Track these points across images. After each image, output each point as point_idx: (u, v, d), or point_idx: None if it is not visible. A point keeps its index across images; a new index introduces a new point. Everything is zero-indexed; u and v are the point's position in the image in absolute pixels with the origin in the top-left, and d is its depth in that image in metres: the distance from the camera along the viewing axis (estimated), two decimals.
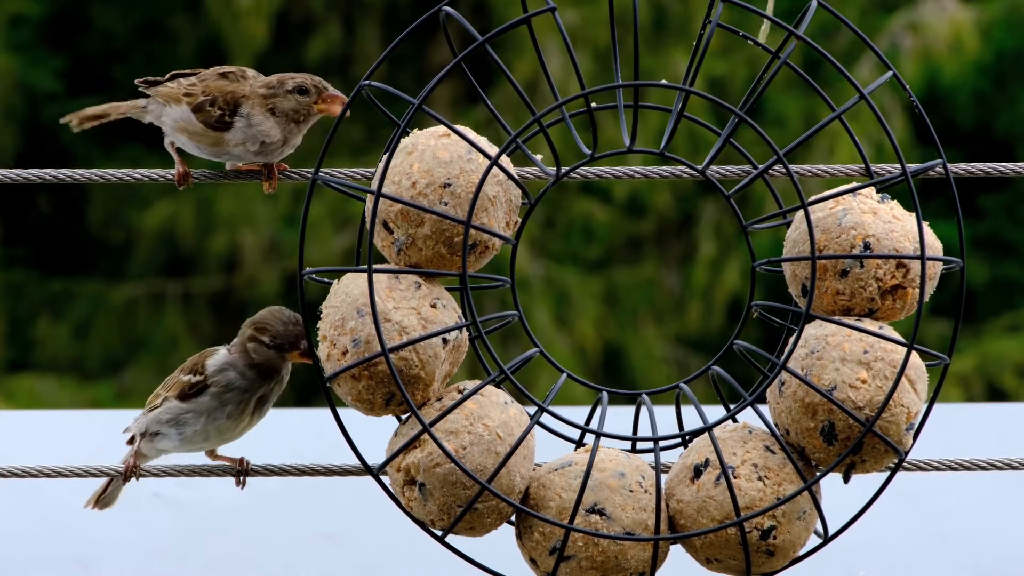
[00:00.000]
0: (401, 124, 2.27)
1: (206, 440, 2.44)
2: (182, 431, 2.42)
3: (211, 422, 2.42)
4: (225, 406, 2.41)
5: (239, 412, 2.41)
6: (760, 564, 2.28)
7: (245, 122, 2.43)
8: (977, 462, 2.43)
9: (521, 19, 2.24)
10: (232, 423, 2.42)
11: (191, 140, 2.46)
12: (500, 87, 6.27)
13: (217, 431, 2.42)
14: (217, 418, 2.41)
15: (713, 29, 2.26)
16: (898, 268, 2.28)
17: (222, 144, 2.44)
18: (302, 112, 2.43)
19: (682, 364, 7.46)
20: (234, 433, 2.44)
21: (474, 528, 2.29)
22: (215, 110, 2.44)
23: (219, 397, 2.41)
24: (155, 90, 2.48)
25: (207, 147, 2.46)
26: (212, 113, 2.44)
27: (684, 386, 2.40)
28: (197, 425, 2.42)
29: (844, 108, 2.27)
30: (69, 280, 7.53)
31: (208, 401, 2.41)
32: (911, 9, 7.64)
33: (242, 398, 2.41)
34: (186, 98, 2.46)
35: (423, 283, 2.28)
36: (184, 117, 2.46)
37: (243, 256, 7.51)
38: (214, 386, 2.41)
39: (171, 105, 2.47)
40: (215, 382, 2.41)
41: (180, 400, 2.42)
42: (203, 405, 2.41)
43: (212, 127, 2.44)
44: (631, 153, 2.31)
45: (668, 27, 7.42)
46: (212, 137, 2.44)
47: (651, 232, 7.59)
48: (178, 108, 2.46)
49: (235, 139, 2.44)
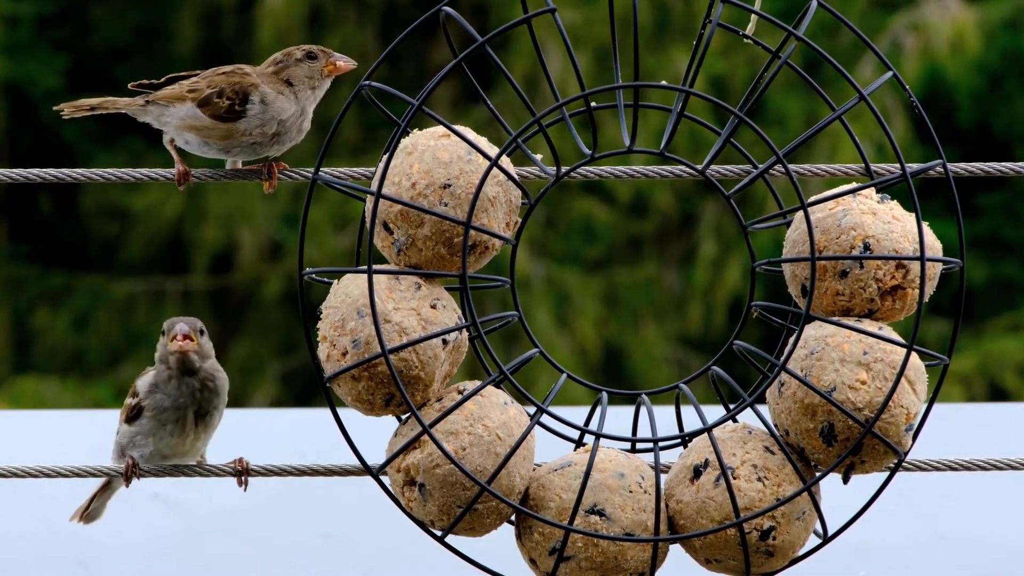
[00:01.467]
0: (401, 124, 2.27)
1: (164, 459, 2.45)
2: (141, 452, 2.44)
3: (159, 441, 2.43)
4: (164, 425, 2.42)
5: (182, 429, 2.42)
6: (760, 564, 2.28)
7: (260, 107, 2.43)
8: (977, 462, 2.43)
9: (521, 19, 2.24)
10: (179, 440, 2.43)
11: (198, 137, 2.45)
12: (500, 87, 6.27)
13: (170, 448, 2.44)
14: (162, 437, 2.43)
15: (713, 29, 2.26)
16: (898, 269, 2.28)
17: (234, 136, 2.44)
18: (316, 77, 2.45)
19: (682, 364, 7.46)
20: (184, 448, 2.44)
21: (474, 528, 2.29)
22: (223, 101, 2.43)
23: (156, 418, 2.42)
24: (155, 95, 2.48)
25: (216, 141, 2.45)
26: (220, 104, 2.43)
27: (684, 386, 2.40)
28: (149, 447, 2.44)
29: (844, 108, 2.27)
30: (69, 274, 7.53)
31: (147, 423, 2.43)
32: (913, 9, 7.65)
33: (177, 415, 2.42)
34: (190, 95, 2.45)
35: (423, 284, 2.28)
36: (190, 114, 2.45)
37: (242, 254, 7.51)
38: (148, 409, 2.42)
39: (174, 105, 2.46)
40: (148, 404, 2.42)
41: (128, 424, 2.44)
42: (145, 427, 2.43)
43: (222, 119, 2.43)
44: (631, 153, 2.31)
45: (671, 27, 7.42)
46: (223, 130, 2.44)
47: (652, 232, 7.59)
48: (183, 106, 2.45)
49: (250, 126, 2.43)
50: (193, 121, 2.45)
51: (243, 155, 2.47)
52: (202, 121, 2.44)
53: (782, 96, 7.33)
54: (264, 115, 2.44)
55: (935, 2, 7.64)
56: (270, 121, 2.43)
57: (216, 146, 2.45)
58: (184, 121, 2.45)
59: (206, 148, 2.46)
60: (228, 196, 7.40)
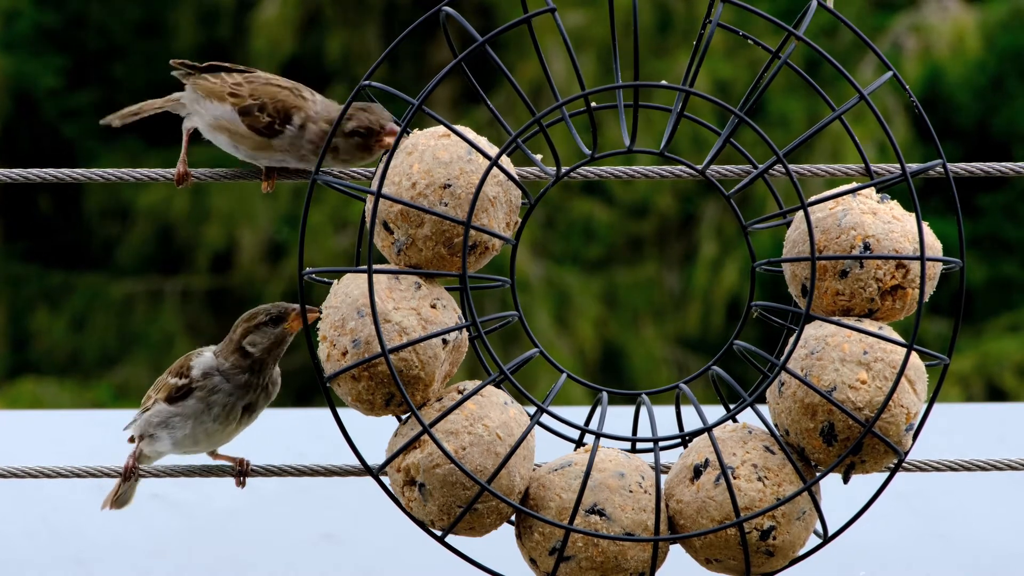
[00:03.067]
0: (401, 124, 2.27)
1: (196, 444, 2.43)
2: (173, 434, 2.42)
3: (198, 425, 2.41)
4: (211, 408, 2.40)
5: (225, 416, 2.41)
6: (760, 564, 2.28)
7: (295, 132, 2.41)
8: (977, 462, 2.43)
9: (521, 19, 2.24)
10: (219, 427, 2.41)
11: (231, 140, 2.42)
12: (501, 88, 6.27)
13: (206, 434, 2.42)
14: (204, 421, 2.41)
15: (713, 29, 2.26)
16: (898, 269, 2.28)
17: (268, 149, 2.41)
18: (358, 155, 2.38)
19: (682, 365, 7.46)
20: (222, 436, 2.43)
21: (474, 528, 2.29)
22: (264, 116, 2.40)
23: (204, 400, 2.40)
24: (194, 80, 2.45)
25: (248, 150, 2.42)
26: (261, 119, 2.40)
27: (684, 386, 2.40)
28: (186, 428, 2.41)
29: (844, 108, 2.27)
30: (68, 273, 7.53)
31: (194, 404, 2.41)
32: (914, 11, 7.65)
33: (227, 401, 2.40)
34: (231, 98, 2.41)
35: (423, 284, 2.28)
36: (228, 117, 2.42)
37: (242, 255, 7.51)
38: (199, 390, 2.40)
39: (212, 101, 2.42)
40: (200, 386, 2.40)
41: (168, 403, 2.42)
42: (189, 408, 2.41)
43: (259, 132, 2.41)
44: (631, 153, 2.31)
45: (673, 30, 7.42)
46: (257, 142, 2.41)
47: (652, 232, 7.59)
48: (221, 106, 2.42)
49: (283, 144, 2.41)
50: (229, 124, 2.41)
51: (269, 163, 2.44)
52: (238, 127, 2.41)
53: (784, 98, 7.33)
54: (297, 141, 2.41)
55: (935, 3, 7.64)
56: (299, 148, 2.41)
57: (245, 153, 2.42)
58: (219, 121, 2.42)
59: (235, 151, 2.43)
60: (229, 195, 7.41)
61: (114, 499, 2.49)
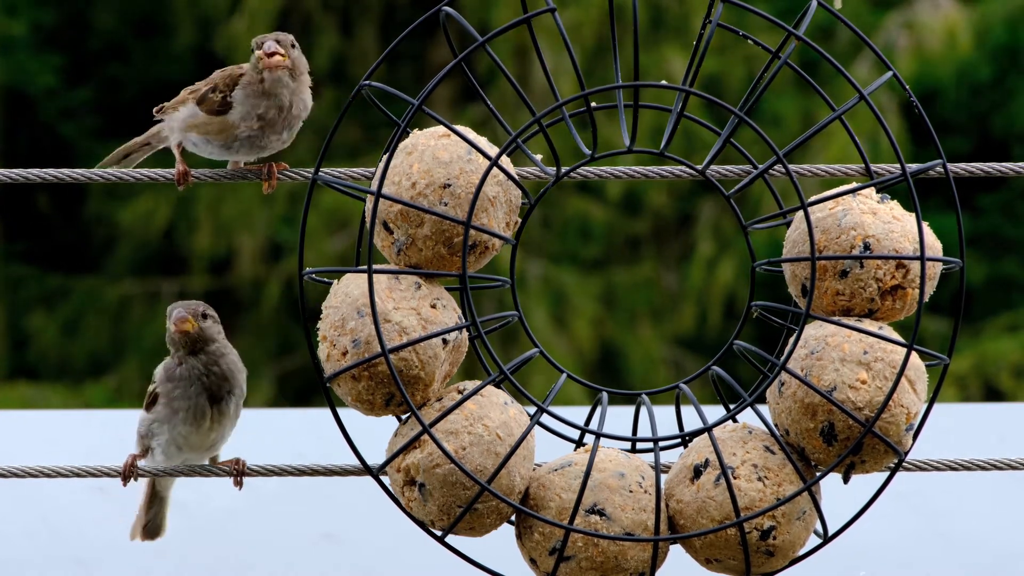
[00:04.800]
0: (401, 124, 2.27)
1: (180, 451, 2.43)
2: (159, 442, 2.43)
3: (173, 430, 2.41)
4: (177, 412, 2.41)
5: (194, 417, 2.41)
6: (760, 564, 2.28)
7: (241, 94, 2.43)
8: (977, 462, 2.43)
9: (521, 19, 2.24)
10: (193, 429, 2.41)
11: (201, 136, 2.45)
12: (494, 88, 6.26)
13: (184, 439, 2.41)
14: (176, 425, 2.41)
15: (713, 29, 2.26)
16: (898, 269, 2.28)
17: (229, 129, 2.43)
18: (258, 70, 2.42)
19: (679, 364, 7.46)
20: (199, 438, 2.42)
21: (474, 528, 2.29)
22: (216, 95, 2.44)
23: (169, 404, 2.41)
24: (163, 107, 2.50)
25: (214, 137, 2.44)
26: (215, 99, 2.44)
27: (684, 386, 2.40)
28: (165, 435, 2.42)
29: (844, 108, 2.27)
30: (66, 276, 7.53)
31: (162, 410, 2.42)
32: (906, 8, 7.66)
33: (189, 403, 2.40)
34: (191, 96, 2.46)
35: (423, 283, 2.28)
36: (190, 112, 2.45)
37: (241, 256, 7.51)
38: (162, 395, 2.41)
39: (178, 109, 2.47)
40: (162, 391, 2.41)
41: (145, 411, 2.43)
42: (160, 414, 2.42)
43: (215, 112, 2.43)
44: (631, 153, 2.31)
45: (665, 26, 7.42)
46: (217, 123, 2.43)
47: (649, 232, 7.60)
48: (184, 108, 2.46)
49: (237, 118, 2.43)
50: (192, 119, 2.45)
51: (244, 152, 2.46)
52: (198, 117, 2.44)
53: (777, 97, 7.33)
54: (244, 107, 2.43)
55: (928, 1, 7.65)
56: (249, 114, 2.43)
57: (217, 143, 2.45)
58: (186, 122, 2.45)
59: (209, 147, 2.46)
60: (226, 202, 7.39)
61: (144, 529, 2.49)
